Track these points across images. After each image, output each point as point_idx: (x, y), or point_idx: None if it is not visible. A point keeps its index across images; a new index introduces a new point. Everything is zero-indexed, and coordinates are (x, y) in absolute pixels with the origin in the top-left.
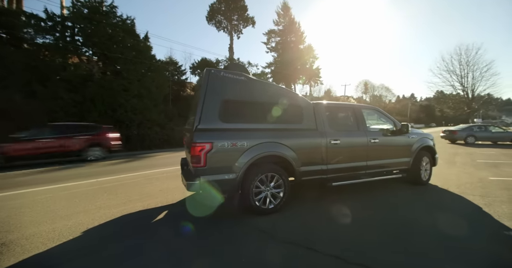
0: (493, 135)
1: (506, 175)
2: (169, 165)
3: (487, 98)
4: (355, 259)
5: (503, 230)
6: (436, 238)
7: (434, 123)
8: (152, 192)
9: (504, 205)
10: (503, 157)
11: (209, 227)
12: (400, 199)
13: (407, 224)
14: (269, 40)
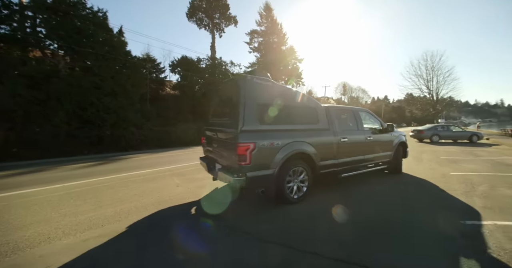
0: (454, 134)
1: (464, 170)
2: (146, 167)
3: (449, 100)
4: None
5: (459, 219)
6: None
7: (405, 123)
8: (126, 196)
9: (462, 197)
10: (462, 154)
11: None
12: (378, 192)
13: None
14: (251, 40)
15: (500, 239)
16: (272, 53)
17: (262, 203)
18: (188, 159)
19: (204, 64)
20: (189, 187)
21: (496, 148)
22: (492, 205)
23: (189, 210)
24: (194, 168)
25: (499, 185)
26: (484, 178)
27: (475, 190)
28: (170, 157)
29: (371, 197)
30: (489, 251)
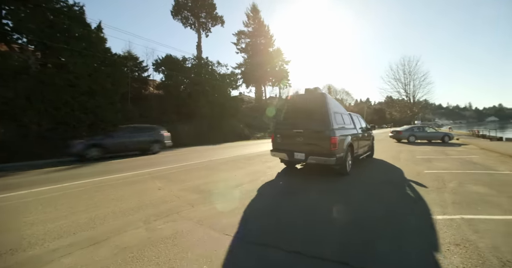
0: (428, 134)
1: (436, 168)
2: (126, 169)
3: (424, 103)
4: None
5: (431, 215)
6: (378, 219)
7: (386, 125)
8: (103, 201)
9: (434, 193)
10: (435, 153)
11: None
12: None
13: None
14: (239, 41)
15: (466, 232)
16: (259, 54)
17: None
18: (172, 161)
19: (190, 63)
20: (172, 189)
21: (464, 147)
22: (460, 201)
23: (171, 214)
24: (178, 170)
25: (466, 182)
26: (453, 176)
27: (446, 186)
28: (152, 159)
29: (354, 194)
30: (457, 243)
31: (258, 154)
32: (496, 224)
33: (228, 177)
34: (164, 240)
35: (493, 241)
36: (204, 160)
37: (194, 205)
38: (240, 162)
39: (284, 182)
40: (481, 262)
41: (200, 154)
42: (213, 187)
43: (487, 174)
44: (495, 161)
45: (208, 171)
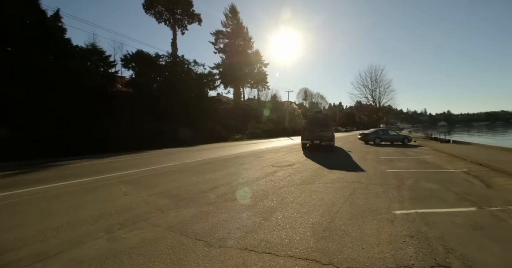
0: (391, 137)
1: (397, 167)
2: (88, 174)
3: (388, 108)
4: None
5: (391, 210)
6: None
7: (355, 128)
8: (57, 210)
9: (394, 191)
10: (396, 154)
11: None
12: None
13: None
14: (217, 40)
15: (419, 224)
16: (238, 55)
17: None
18: (142, 164)
19: (164, 61)
20: (141, 195)
21: (420, 148)
22: (416, 196)
23: (138, 221)
24: (148, 174)
25: (421, 179)
26: (411, 174)
27: (404, 184)
28: (119, 162)
29: (321, 191)
30: (411, 235)
31: (236, 156)
32: (442, 216)
33: (203, 180)
34: (129, 250)
35: (440, 231)
36: (177, 162)
37: (164, 211)
38: (216, 164)
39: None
40: (430, 251)
41: (173, 157)
42: (185, 191)
43: (437, 172)
44: (444, 160)
45: (181, 174)
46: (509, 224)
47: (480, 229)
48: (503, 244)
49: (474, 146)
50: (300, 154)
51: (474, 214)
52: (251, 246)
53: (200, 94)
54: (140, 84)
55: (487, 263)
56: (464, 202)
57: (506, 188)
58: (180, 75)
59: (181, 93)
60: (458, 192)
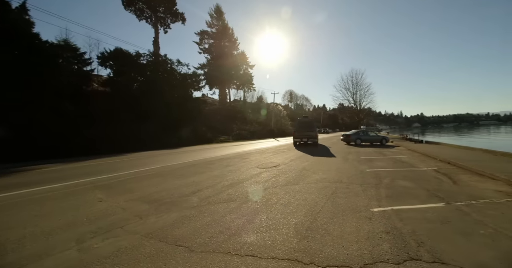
0: (370, 138)
1: (376, 167)
2: (59, 179)
3: (368, 110)
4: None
5: (370, 208)
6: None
7: (338, 129)
8: (20, 220)
9: (372, 189)
10: (375, 154)
11: None
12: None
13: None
14: (202, 41)
15: (394, 221)
16: (223, 56)
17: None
18: (120, 167)
19: (145, 60)
20: (117, 201)
21: (397, 149)
22: (392, 194)
23: (113, 229)
24: (126, 178)
25: (397, 178)
26: (388, 173)
27: (382, 182)
28: (95, 166)
29: (305, 191)
30: (387, 231)
31: (221, 158)
32: (415, 212)
33: (185, 184)
34: (102, 260)
35: (413, 226)
36: (159, 165)
37: (142, 217)
38: (199, 167)
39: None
40: (403, 245)
41: (155, 159)
42: (166, 195)
43: (411, 171)
44: (417, 160)
45: (162, 178)
46: (472, 218)
47: (447, 223)
48: (467, 236)
49: (443, 146)
50: (286, 155)
51: (442, 209)
52: (234, 250)
53: (184, 95)
54: (119, 83)
55: (452, 254)
56: (434, 198)
57: (469, 184)
58: (163, 75)
59: (163, 93)
60: (429, 189)
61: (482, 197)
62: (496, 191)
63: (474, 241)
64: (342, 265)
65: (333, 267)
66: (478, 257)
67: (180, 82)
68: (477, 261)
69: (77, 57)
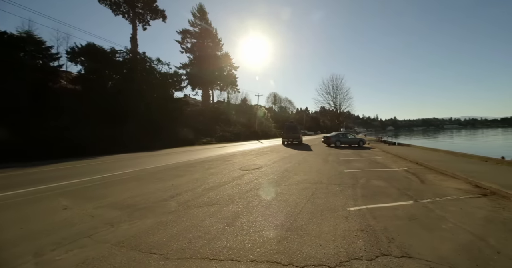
0: (349, 140)
1: (353, 168)
2: (16, 186)
3: (347, 114)
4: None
5: (347, 207)
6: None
7: (319, 131)
8: None
9: (350, 189)
10: (353, 155)
11: None
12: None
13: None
14: (184, 40)
15: (368, 219)
16: (206, 57)
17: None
18: (91, 171)
19: (122, 57)
20: (85, 208)
21: (372, 150)
22: (367, 193)
23: (79, 238)
24: (97, 183)
25: (372, 178)
26: (364, 173)
27: (358, 183)
28: (62, 170)
29: (286, 193)
30: (362, 229)
31: (202, 160)
32: (387, 210)
33: (163, 188)
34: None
35: (385, 224)
36: (135, 169)
37: (114, 224)
38: (180, 169)
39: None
40: (375, 242)
41: (131, 162)
42: (142, 200)
43: (384, 171)
44: (390, 160)
45: (138, 182)
46: (436, 214)
47: (415, 220)
48: (431, 231)
49: (413, 148)
50: (269, 157)
51: (411, 207)
52: (212, 255)
53: (164, 95)
54: (91, 81)
55: (418, 248)
56: (404, 196)
57: (434, 183)
58: (141, 74)
59: (142, 93)
60: (399, 188)
61: (444, 194)
62: (456, 189)
63: (437, 235)
64: (319, 264)
65: (311, 266)
66: (439, 250)
67: (160, 81)
68: (439, 253)
69: (42, 51)
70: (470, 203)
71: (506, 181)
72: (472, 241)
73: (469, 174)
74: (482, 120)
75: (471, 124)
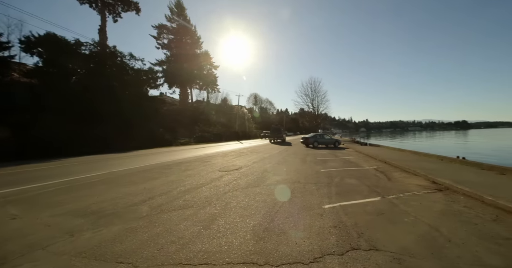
0: (326, 141)
1: (329, 167)
2: None
3: (324, 116)
4: None
5: (322, 205)
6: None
7: (298, 132)
8: None
9: (325, 188)
10: (329, 155)
11: None
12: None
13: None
14: (160, 35)
15: (341, 215)
16: (185, 54)
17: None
18: (50, 175)
19: (88, 50)
20: (39, 217)
21: (347, 150)
22: (341, 191)
23: (31, 251)
24: (56, 188)
25: (345, 177)
26: (338, 172)
27: (333, 181)
28: (11, 174)
29: (265, 193)
30: (335, 225)
31: (179, 161)
32: (358, 206)
33: (135, 191)
34: None
35: (355, 219)
36: (104, 172)
37: (74, 234)
38: (154, 172)
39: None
40: (347, 237)
41: (99, 165)
42: (109, 206)
43: (357, 170)
44: (362, 160)
45: (107, 186)
46: (400, 208)
47: (382, 215)
48: (395, 225)
49: (382, 148)
50: (249, 157)
51: (379, 203)
52: (186, 260)
53: (137, 92)
54: (51, 74)
55: (384, 241)
56: (373, 193)
57: (399, 180)
58: (111, 69)
59: (112, 89)
60: (369, 185)
61: (407, 190)
62: (417, 185)
63: (400, 228)
64: (294, 262)
65: (286, 265)
66: (402, 241)
67: (134, 78)
68: (401, 245)
69: None
70: (428, 198)
71: (457, 177)
72: (428, 232)
73: (428, 171)
74: (440, 123)
75: (431, 126)
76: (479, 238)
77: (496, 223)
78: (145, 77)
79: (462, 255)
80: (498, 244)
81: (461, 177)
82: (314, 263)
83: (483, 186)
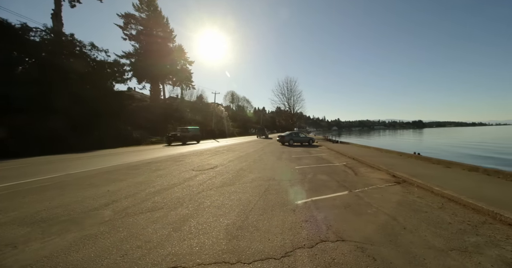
0: (301, 139)
1: (303, 164)
2: None
3: (300, 114)
4: None
5: (295, 201)
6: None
7: (275, 130)
8: None
9: (299, 184)
10: (304, 153)
11: None
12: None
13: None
14: (127, 25)
15: (312, 210)
16: (156, 47)
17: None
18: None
19: (39, 37)
20: None
21: (320, 148)
22: (313, 187)
23: None
24: (4, 192)
25: (318, 173)
26: (311, 169)
27: (306, 177)
28: None
29: (240, 191)
30: (306, 219)
31: (149, 161)
32: (328, 201)
33: (95, 195)
34: None
35: (325, 213)
36: (60, 174)
37: (18, 245)
38: (120, 173)
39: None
40: (317, 230)
41: (55, 166)
42: (64, 211)
43: (328, 166)
44: (333, 157)
45: (61, 190)
46: (364, 201)
47: (348, 207)
48: (359, 216)
49: (351, 145)
50: (225, 156)
51: (346, 196)
52: (153, 264)
53: (100, 86)
54: None
55: (349, 232)
56: (341, 188)
57: (365, 175)
58: (68, 59)
59: (69, 83)
60: (338, 180)
61: (371, 184)
62: (380, 179)
63: (363, 219)
64: (266, 257)
65: (258, 261)
66: (365, 231)
67: (95, 70)
68: (364, 234)
69: None
70: (388, 190)
71: (413, 171)
72: (387, 221)
73: (389, 166)
74: (400, 122)
75: (393, 125)
76: (428, 224)
77: (441, 210)
78: (109, 70)
79: (414, 240)
80: (442, 228)
81: (415, 170)
82: (285, 257)
83: (433, 179)
